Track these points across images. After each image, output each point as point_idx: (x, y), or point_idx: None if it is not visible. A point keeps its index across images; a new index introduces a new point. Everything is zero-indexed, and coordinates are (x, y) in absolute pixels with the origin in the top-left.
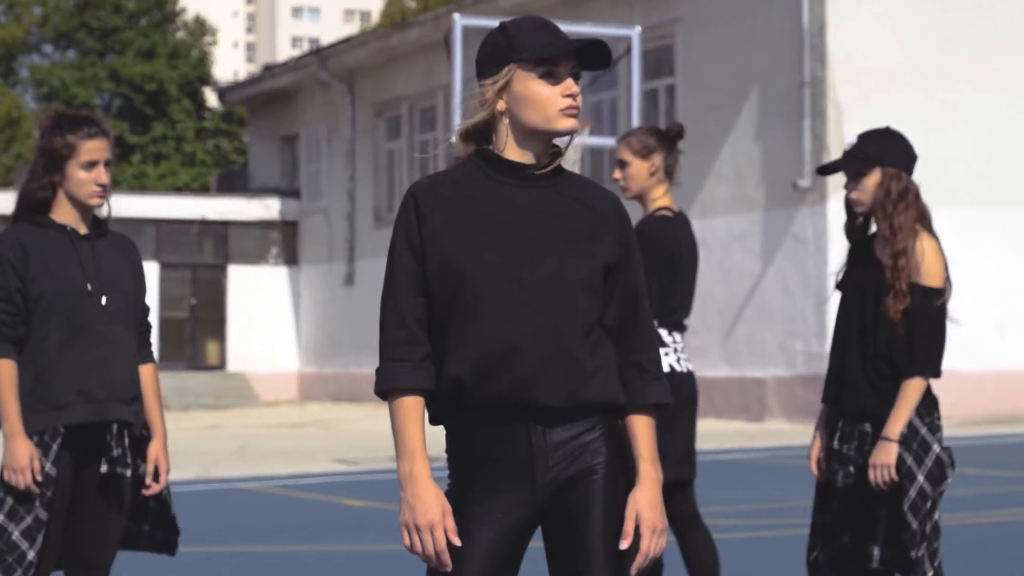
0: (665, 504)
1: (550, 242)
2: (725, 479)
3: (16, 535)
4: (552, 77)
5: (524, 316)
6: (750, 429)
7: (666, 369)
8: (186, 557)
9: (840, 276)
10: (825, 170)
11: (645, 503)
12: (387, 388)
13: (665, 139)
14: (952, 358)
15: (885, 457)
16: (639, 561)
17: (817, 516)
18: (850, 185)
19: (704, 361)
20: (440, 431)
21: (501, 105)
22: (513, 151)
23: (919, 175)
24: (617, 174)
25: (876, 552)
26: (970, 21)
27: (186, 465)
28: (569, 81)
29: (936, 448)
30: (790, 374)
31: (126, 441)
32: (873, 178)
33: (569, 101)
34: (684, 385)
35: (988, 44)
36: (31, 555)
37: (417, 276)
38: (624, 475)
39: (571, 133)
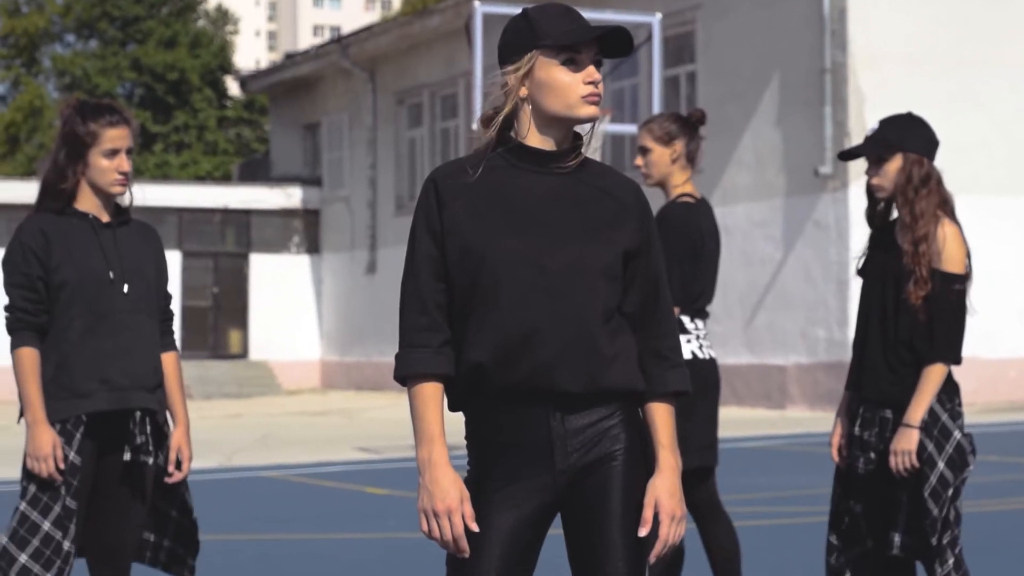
0: (686, 492)
1: (570, 229)
2: (746, 466)
3: (48, 527)
4: (574, 64)
5: (544, 302)
6: (771, 416)
7: (688, 356)
8: (207, 546)
9: (861, 262)
10: (847, 155)
11: (664, 491)
12: (407, 374)
13: (687, 125)
14: (974, 345)
15: (906, 443)
16: (658, 548)
17: (836, 505)
18: (871, 171)
19: (725, 348)
20: (459, 418)
21: (523, 92)
22: (535, 138)
23: (940, 162)
24: (639, 161)
25: (897, 539)
26: (989, 7)
27: (208, 454)
28: (591, 68)
29: (957, 435)
30: (811, 361)
31: (148, 429)
32: (895, 164)
33: (591, 88)
34: (707, 372)
35: (1007, 30)
36: (67, 545)
37: (437, 262)
38: (643, 462)
39: (592, 120)
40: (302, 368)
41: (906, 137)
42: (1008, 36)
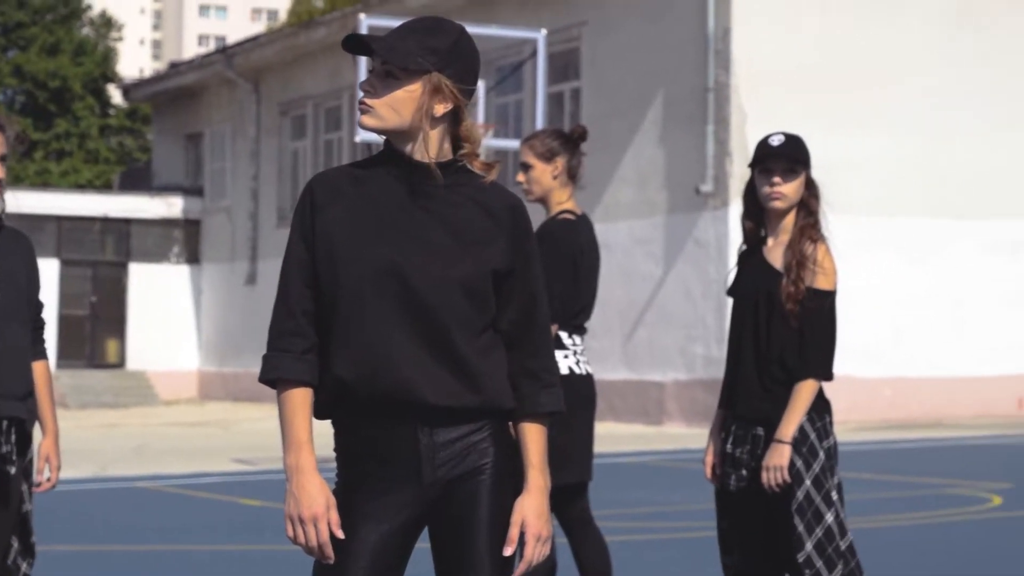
0: (560, 507)
1: (440, 244)
2: (622, 481)
3: None
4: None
5: (408, 317)
6: (649, 432)
7: (565, 372)
8: (80, 556)
9: (731, 282)
10: (770, 150)
11: (531, 511)
12: (269, 377)
13: (568, 142)
14: (849, 364)
15: (777, 459)
16: (521, 569)
17: (719, 524)
18: (783, 178)
19: (604, 364)
20: (328, 427)
21: None
22: (419, 150)
23: (820, 181)
24: (520, 177)
25: (782, 554)
26: (870, 29)
27: (83, 464)
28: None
29: (822, 455)
30: (689, 378)
31: (14, 438)
32: (801, 179)
33: (362, 95)
34: (583, 388)
35: (889, 51)
36: None
37: (308, 268)
38: (511, 478)
39: (363, 128)
40: (180, 378)
41: (807, 158)
42: (887, 58)
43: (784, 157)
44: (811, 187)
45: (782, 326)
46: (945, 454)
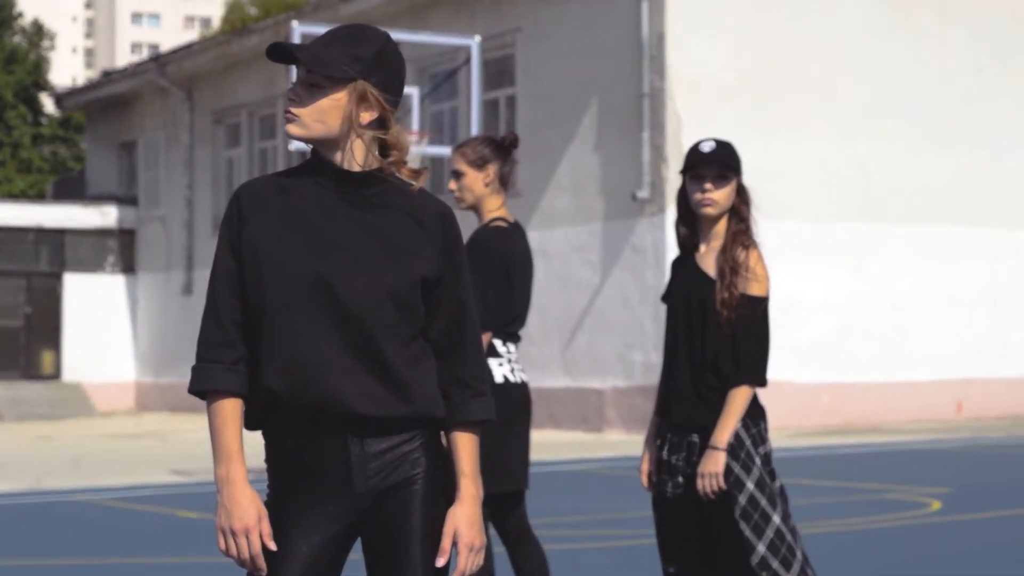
0: (497, 515)
1: (367, 253)
2: (562, 489)
3: None
4: None
5: (335, 327)
6: (588, 440)
7: (499, 380)
8: (16, 571)
9: (666, 288)
10: (700, 157)
11: (464, 520)
12: (200, 388)
13: (500, 149)
14: (787, 370)
15: (712, 466)
16: None
17: (658, 529)
18: (714, 184)
19: (543, 372)
20: (260, 437)
21: None
22: (347, 158)
23: (756, 187)
24: (452, 184)
25: (720, 562)
26: (805, 35)
27: (19, 476)
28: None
29: (758, 461)
30: (628, 385)
31: None
32: (733, 186)
33: (288, 104)
34: (517, 395)
35: (823, 58)
36: None
37: (236, 278)
38: (443, 487)
39: (290, 137)
40: (116, 390)
41: (738, 164)
42: (822, 64)
43: (715, 163)
44: (742, 193)
45: (716, 332)
46: (884, 459)
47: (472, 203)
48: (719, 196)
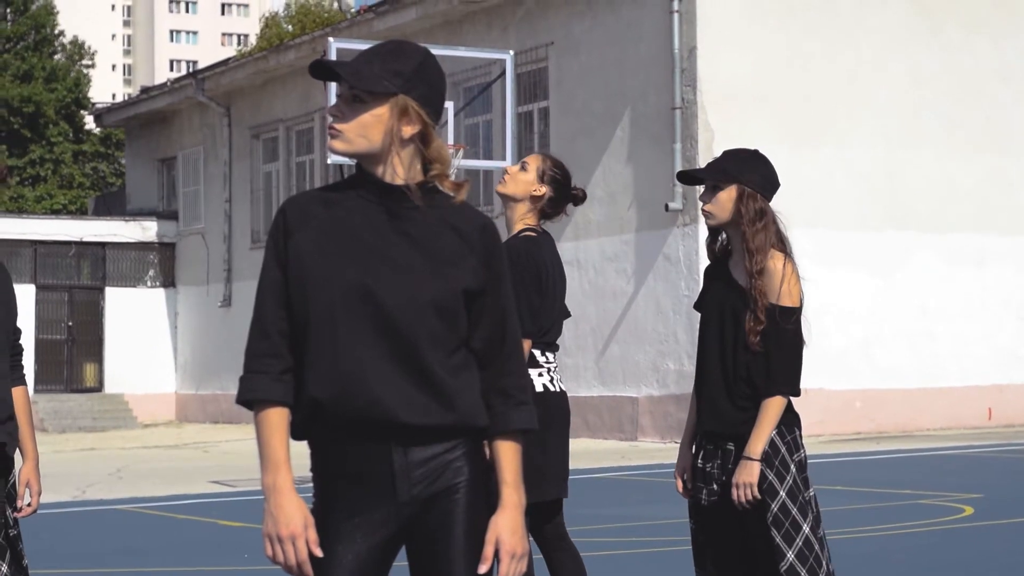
0: (537, 524)
1: (410, 265)
2: (598, 497)
3: None
4: None
5: (379, 338)
6: (623, 448)
7: (539, 389)
8: None
9: (699, 297)
10: (685, 177)
11: (506, 528)
12: (247, 398)
13: (563, 189)
14: (820, 376)
15: (747, 476)
16: None
17: (694, 538)
18: (706, 196)
19: (578, 381)
20: (305, 447)
21: None
22: (390, 172)
23: (787, 196)
24: (511, 168)
25: (761, 569)
26: (835, 47)
27: (63, 487)
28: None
29: (793, 468)
30: (662, 393)
31: None
32: (729, 194)
33: (331, 120)
34: (557, 404)
35: (854, 68)
36: None
37: (282, 289)
38: (486, 496)
39: (333, 152)
40: (157, 401)
41: (744, 170)
42: (851, 74)
43: (707, 174)
44: (744, 199)
45: (748, 342)
46: (916, 465)
47: (509, 194)
48: (711, 207)
